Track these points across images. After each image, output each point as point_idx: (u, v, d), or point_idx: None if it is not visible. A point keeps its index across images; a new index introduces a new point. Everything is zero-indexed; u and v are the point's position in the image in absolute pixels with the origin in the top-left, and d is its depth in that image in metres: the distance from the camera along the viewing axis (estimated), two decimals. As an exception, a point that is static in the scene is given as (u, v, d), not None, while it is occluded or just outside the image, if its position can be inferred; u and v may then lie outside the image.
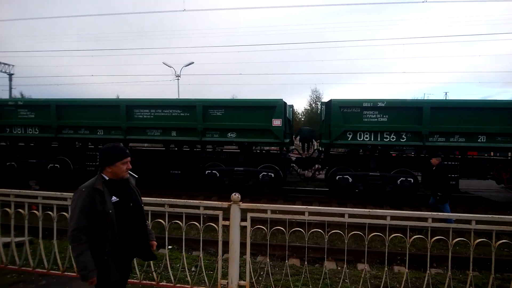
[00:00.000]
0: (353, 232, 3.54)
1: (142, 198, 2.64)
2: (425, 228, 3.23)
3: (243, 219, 3.28)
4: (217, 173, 11.06)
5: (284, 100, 10.41)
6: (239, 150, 11.62)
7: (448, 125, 9.62)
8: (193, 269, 4.28)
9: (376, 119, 9.96)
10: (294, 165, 12.84)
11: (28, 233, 4.00)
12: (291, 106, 12.21)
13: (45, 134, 11.57)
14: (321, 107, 11.91)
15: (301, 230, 3.54)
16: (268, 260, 4.32)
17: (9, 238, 4.25)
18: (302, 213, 3.23)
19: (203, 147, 11.92)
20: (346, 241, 3.44)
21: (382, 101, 9.90)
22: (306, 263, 3.79)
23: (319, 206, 8.44)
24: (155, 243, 2.71)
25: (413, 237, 3.30)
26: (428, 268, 3.28)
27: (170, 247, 6.17)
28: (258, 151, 12.43)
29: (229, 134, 10.63)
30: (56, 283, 3.82)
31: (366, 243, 3.38)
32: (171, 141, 11.42)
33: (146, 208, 3.54)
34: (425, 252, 3.86)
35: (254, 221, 3.32)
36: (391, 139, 9.95)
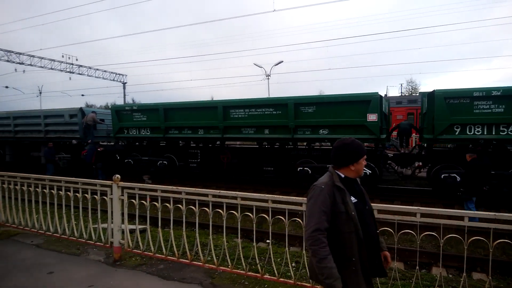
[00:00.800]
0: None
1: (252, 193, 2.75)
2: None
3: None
4: (309, 170, 11.05)
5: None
6: (331, 147, 11.39)
7: None
8: (293, 264, 4.39)
9: (490, 110, 8.76)
10: (391, 162, 12.10)
11: (145, 222, 4.58)
12: (388, 100, 11.52)
13: (155, 135, 13.05)
14: (422, 98, 10.97)
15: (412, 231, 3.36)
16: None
17: (134, 225, 4.95)
18: (415, 214, 3.06)
19: (294, 144, 12.02)
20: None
21: (497, 89, 8.66)
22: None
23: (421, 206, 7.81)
24: (388, 254, 2.29)
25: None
26: None
27: (268, 241, 6.44)
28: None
29: (321, 130, 10.51)
30: (172, 268, 4.28)
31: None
32: (264, 138, 11.78)
33: (250, 203, 3.79)
34: None
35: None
36: (509, 132, 8.66)
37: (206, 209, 4.00)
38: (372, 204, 2.31)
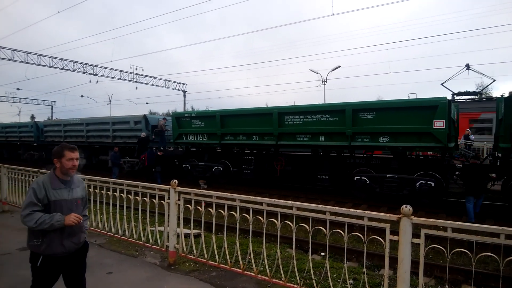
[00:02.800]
0: None
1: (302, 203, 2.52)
2: None
3: (415, 234, 2.91)
4: (367, 180, 10.49)
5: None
6: (391, 156, 10.74)
7: None
8: (351, 281, 4.09)
9: None
10: (459, 173, 11.03)
11: (199, 227, 4.58)
12: (457, 105, 10.54)
13: (212, 141, 13.36)
14: (498, 104, 9.87)
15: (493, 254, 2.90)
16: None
17: (188, 230, 4.99)
18: (498, 235, 2.63)
19: (351, 152, 11.51)
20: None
21: None
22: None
23: (495, 224, 6.93)
24: None
25: None
26: None
27: (323, 253, 6.14)
28: (413, 156, 11.22)
29: (381, 138, 9.92)
30: (224, 276, 4.22)
31: None
32: (319, 146, 11.46)
33: (306, 214, 3.59)
34: None
35: (429, 238, 2.90)
36: None
37: (260, 217, 3.88)
38: (438, 220, 1.98)
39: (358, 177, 10.62)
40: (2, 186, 7.83)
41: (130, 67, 32.72)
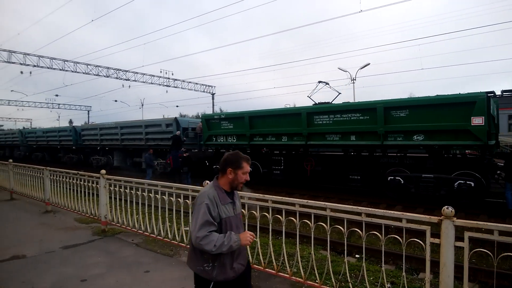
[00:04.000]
0: None
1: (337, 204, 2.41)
2: None
3: (458, 238, 2.78)
4: (401, 180, 10.18)
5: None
6: (427, 155, 10.35)
7: None
8: (388, 285, 3.97)
9: None
10: (500, 172, 10.45)
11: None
12: (496, 101, 9.99)
13: (241, 142, 13.45)
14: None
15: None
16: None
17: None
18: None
19: (383, 151, 11.21)
20: None
21: None
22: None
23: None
24: None
25: None
26: None
27: (357, 255, 6.01)
28: (450, 155, 10.76)
29: (415, 136, 9.58)
30: (258, 277, 4.19)
31: None
32: (350, 145, 11.24)
33: (341, 216, 3.53)
34: None
35: (471, 241, 2.77)
36: None
37: (293, 218, 3.86)
38: (483, 222, 1.88)
39: (392, 177, 10.33)
40: (45, 188, 8.27)
41: (160, 72, 33.63)
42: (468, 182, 9.12)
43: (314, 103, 12.91)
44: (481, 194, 9.41)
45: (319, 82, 14.48)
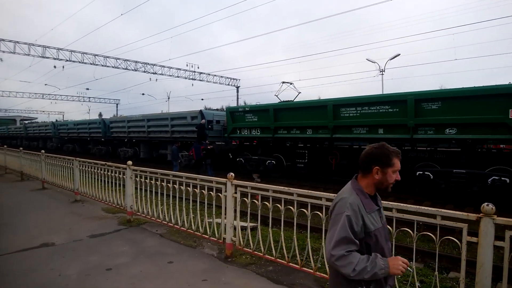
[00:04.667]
0: None
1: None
2: None
3: (497, 237, 2.58)
4: (431, 175, 9.76)
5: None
6: (459, 149, 9.87)
7: None
8: (418, 284, 3.79)
9: None
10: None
11: (255, 221, 4.56)
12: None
13: (265, 135, 13.36)
14: None
15: None
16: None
17: (245, 223, 5.02)
18: None
19: (412, 145, 10.80)
20: None
21: None
22: None
23: None
24: None
25: None
26: None
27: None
28: (484, 150, 10.21)
29: (447, 130, 9.14)
30: (281, 271, 4.15)
31: None
32: (378, 139, 10.88)
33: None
34: None
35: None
36: None
37: (319, 213, 3.75)
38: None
39: (421, 172, 9.93)
40: (75, 178, 8.53)
41: (186, 65, 34.02)
42: (503, 178, 8.62)
43: (279, 101, 13.81)
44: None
45: (283, 82, 15.54)
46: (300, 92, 15.95)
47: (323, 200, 3.66)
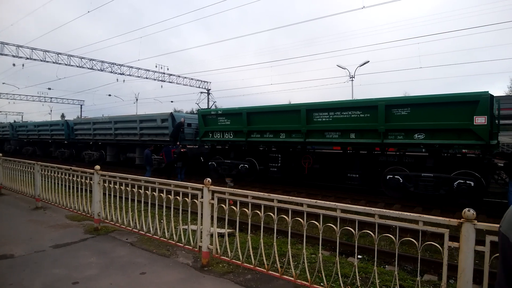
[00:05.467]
0: None
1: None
2: None
3: (478, 241, 2.61)
4: (400, 179, 10.04)
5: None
6: (426, 153, 10.23)
7: None
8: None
9: None
10: (501, 172, 10.38)
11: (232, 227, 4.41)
12: (498, 100, 9.88)
13: (238, 138, 13.21)
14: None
15: None
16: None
17: (222, 229, 4.84)
18: None
19: (383, 150, 11.07)
20: None
21: None
22: None
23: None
24: None
25: None
26: None
27: (360, 256, 5.83)
28: (449, 154, 10.65)
29: (416, 135, 9.45)
30: (260, 279, 4.02)
31: None
32: (350, 143, 11.07)
33: (352, 217, 3.34)
34: None
35: (495, 245, 2.59)
36: None
37: (300, 219, 3.66)
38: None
39: (391, 176, 10.19)
40: (36, 183, 7.97)
41: (156, 66, 33.22)
42: (468, 182, 9.01)
43: (199, 108, 14.47)
44: (480, 194, 9.33)
45: (201, 93, 16.89)
46: (215, 101, 16.94)
47: (305, 206, 3.58)
